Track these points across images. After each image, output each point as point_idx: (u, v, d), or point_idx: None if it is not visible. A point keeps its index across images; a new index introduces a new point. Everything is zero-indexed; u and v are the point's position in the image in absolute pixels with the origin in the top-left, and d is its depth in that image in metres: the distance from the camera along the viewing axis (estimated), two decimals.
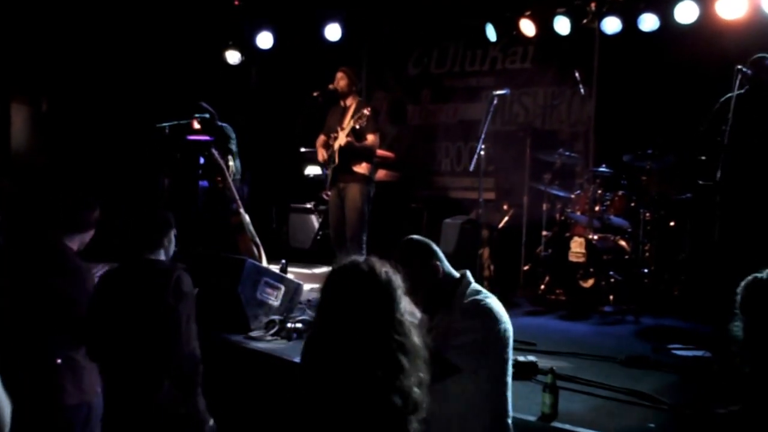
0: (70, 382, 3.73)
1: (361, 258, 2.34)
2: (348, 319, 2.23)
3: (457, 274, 3.37)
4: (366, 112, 6.72)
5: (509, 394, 3.33)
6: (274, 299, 5.90)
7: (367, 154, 6.97)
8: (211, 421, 3.74)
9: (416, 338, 2.28)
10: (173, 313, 3.64)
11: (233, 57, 9.40)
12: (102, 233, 7.37)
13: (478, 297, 3.26)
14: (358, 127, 6.76)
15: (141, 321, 3.64)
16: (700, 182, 6.54)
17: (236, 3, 9.30)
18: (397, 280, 2.31)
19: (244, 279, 5.74)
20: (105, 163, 8.87)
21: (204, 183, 7.78)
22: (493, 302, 3.28)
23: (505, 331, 3.23)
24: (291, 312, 6.01)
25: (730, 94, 6.04)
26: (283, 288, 5.98)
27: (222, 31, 9.25)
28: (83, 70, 9.03)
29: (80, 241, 4.04)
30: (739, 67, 5.98)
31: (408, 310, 2.31)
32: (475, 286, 3.33)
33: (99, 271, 4.21)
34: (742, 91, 5.89)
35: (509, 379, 3.31)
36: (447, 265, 3.36)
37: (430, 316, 3.36)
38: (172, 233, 4.00)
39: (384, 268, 2.30)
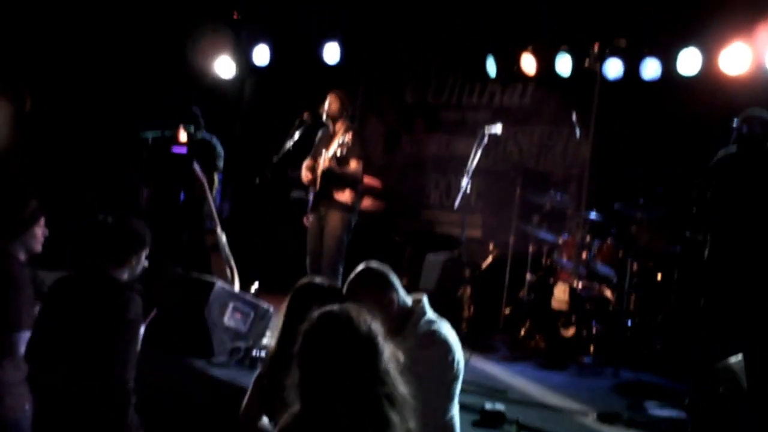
0: None
1: (336, 308, 2.22)
2: (330, 379, 2.12)
3: (410, 302, 3.38)
4: (347, 138, 6.59)
5: (456, 424, 3.38)
6: (243, 325, 5.73)
7: (350, 181, 6.82)
8: None
9: (402, 387, 2.19)
10: (111, 338, 3.48)
11: (227, 70, 9.23)
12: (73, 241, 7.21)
13: (433, 327, 3.30)
14: (340, 152, 6.62)
15: (77, 339, 3.49)
16: (687, 234, 6.46)
17: (235, 17, 9.18)
18: (377, 326, 2.20)
19: (211, 302, 5.58)
20: (86, 168, 8.71)
21: (183, 197, 7.59)
22: (447, 332, 3.32)
23: (458, 362, 3.29)
24: (259, 338, 5.83)
25: (725, 150, 5.96)
26: (252, 313, 5.80)
27: (218, 42, 9.11)
28: (71, 70, 8.88)
29: (25, 247, 3.86)
30: (735, 122, 5.91)
31: (392, 357, 2.20)
32: (429, 314, 3.36)
33: None
34: (734, 148, 5.83)
35: (455, 411, 3.37)
36: (402, 294, 3.37)
37: None
38: (144, 253, 3.82)
39: (362, 317, 2.19)
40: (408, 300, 3.38)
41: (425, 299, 3.41)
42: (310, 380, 2.14)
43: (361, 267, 3.40)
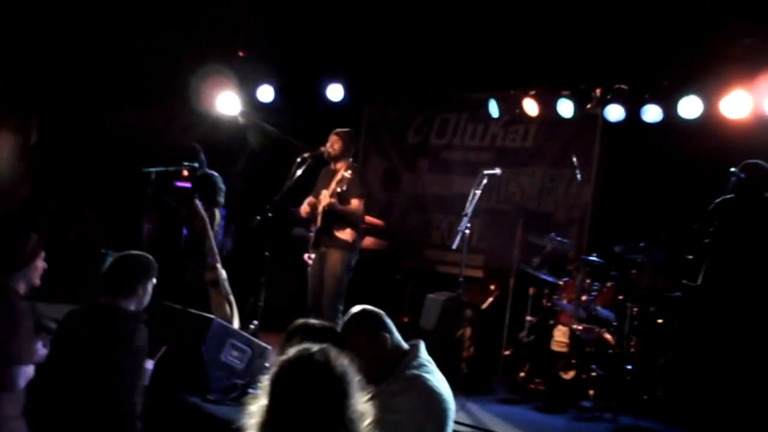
0: None
1: (315, 347, 2.23)
2: (295, 414, 2.13)
3: (406, 346, 3.36)
4: (347, 175, 6.63)
5: None
6: (239, 362, 5.71)
7: (351, 220, 6.85)
8: None
9: None
10: (118, 366, 3.59)
11: (231, 108, 9.26)
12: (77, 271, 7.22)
13: (418, 372, 3.24)
14: (339, 190, 6.66)
15: (85, 367, 3.59)
16: (684, 282, 6.46)
17: (240, 54, 9.27)
18: (352, 372, 2.21)
19: (209, 338, 5.57)
20: (89, 202, 8.75)
21: (185, 232, 7.61)
22: (434, 378, 3.25)
23: (443, 410, 3.21)
24: (256, 376, 5.80)
25: (723, 197, 6.00)
26: (249, 351, 5.78)
27: (222, 80, 9.17)
28: (77, 105, 8.97)
29: (24, 280, 3.89)
30: (733, 170, 5.95)
31: (360, 406, 2.21)
32: (421, 359, 3.32)
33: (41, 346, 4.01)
34: (732, 195, 5.87)
35: None
36: (396, 337, 3.36)
37: (375, 385, 3.29)
38: (150, 283, 3.94)
39: (339, 360, 2.20)
40: (404, 344, 3.37)
41: (422, 345, 3.39)
42: (275, 412, 2.15)
43: (356, 308, 3.43)
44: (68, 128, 9.15)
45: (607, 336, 7.05)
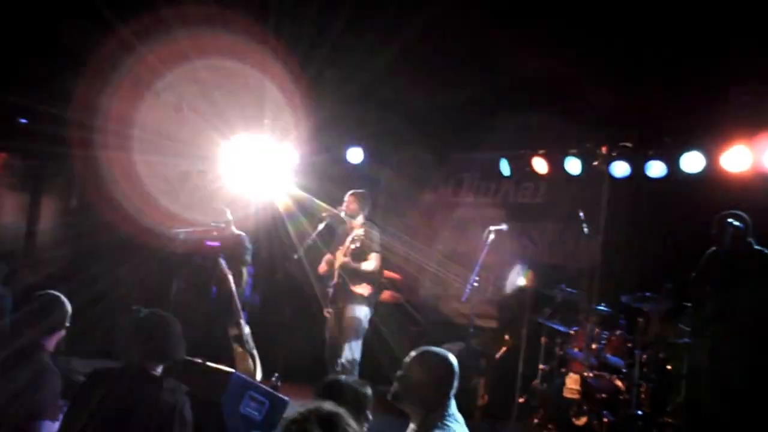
0: None
1: (324, 406, 2.43)
2: None
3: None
4: (361, 233, 6.98)
5: None
6: (257, 413, 5.94)
7: (367, 275, 7.17)
8: None
9: None
10: None
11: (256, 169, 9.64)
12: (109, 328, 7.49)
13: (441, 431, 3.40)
14: (354, 247, 7.00)
15: None
16: (680, 325, 6.66)
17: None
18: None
19: (228, 392, 5.76)
20: (124, 262, 9.10)
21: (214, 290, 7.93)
22: None
23: None
24: (273, 427, 6.04)
25: (713, 248, 6.23)
26: (267, 403, 6.01)
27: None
28: (115, 168, 9.36)
29: (55, 338, 4.19)
30: (732, 222, 6.17)
31: None
32: (449, 410, 3.48)
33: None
34: (724, 245, 6.09)
35: None
36: (446, 389, 3.53)
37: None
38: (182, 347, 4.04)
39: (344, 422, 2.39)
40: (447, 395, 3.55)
41: (452, 402, 3.56)
42: None
43: (445, 353, 3.63)
44: (105, 189, 9.51)
45: (618, 382, 7.22)
